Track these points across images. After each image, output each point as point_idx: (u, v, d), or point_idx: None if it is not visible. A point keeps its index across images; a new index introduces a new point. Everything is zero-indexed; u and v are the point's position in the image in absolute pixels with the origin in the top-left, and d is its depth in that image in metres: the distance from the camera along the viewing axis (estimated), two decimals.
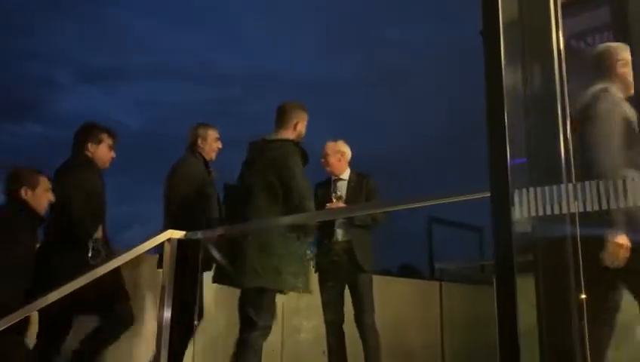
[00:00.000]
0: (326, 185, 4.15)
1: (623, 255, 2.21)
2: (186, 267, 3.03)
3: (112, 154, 3.50)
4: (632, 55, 1.69)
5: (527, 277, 1.55)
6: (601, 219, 2.08)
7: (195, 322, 4.09)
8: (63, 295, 2.51)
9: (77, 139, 3.47)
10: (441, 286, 5.56)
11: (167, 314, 2.83)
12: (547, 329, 1.55)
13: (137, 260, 3.59)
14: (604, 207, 1.42)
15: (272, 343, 4.56)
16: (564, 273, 1.52)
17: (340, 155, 4.11)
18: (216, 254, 3.43)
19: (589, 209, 1.44)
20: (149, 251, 3.13)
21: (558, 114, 1.57)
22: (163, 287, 2.80)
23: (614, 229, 2.18)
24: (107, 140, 3.47)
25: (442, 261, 6.55)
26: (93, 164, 3.40)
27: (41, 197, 3.14)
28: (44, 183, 3.19)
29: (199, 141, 3.83)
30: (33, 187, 3.13)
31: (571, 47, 3.56)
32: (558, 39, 1.69)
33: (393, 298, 4.89)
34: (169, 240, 2.85)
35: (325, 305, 3.98)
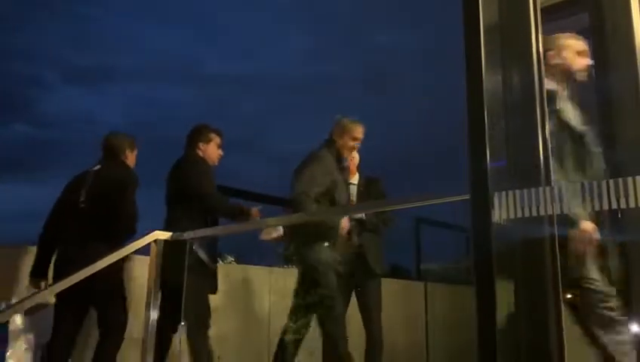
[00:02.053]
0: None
1: (589, 239, 2.18)
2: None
3: (220, 152, 3.80)
4: (607, 60, 1.71)
5: (506, 278, 1.56)
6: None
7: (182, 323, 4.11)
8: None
9: (189, 140, 3.75)
10: (426, 286, 5.59)
11: (154, 315, 2.82)
12: (525, 328, 1.56)
13: (125, 261, 3.58)
14: (588, 209, 1.43)
15: (258, 344, 4.56)
16: (543, 274, 1.53)
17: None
18: (202, 255, 3.43)
19: (566, 211, 1.46)
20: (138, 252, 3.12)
21: (537, 117, 1.58)
22: (149, 289, 2.79)
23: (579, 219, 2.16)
24: (216, 139, 3.75)
25: (427, 262, 6.59)
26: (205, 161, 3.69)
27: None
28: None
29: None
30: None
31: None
32: (537, 43, 1.70)
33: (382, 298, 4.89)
34: (156, 241, 2.83)
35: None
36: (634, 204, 1.33)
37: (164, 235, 2.84)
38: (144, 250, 2.93)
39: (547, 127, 1.58)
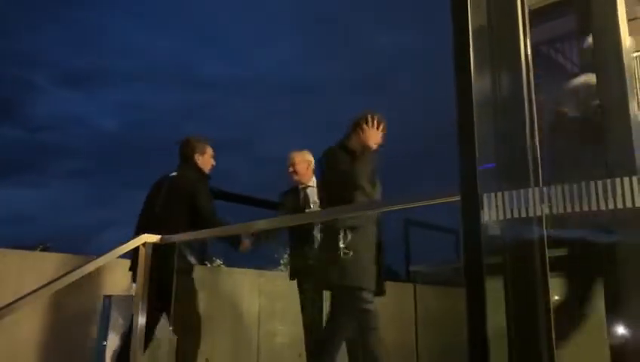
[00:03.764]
0: (293, 193, 4.20)
1: None
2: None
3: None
4: (594, 62, 1.73)
5: (496, 278, 1.57)
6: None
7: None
8: None
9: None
10: (415, 288, 5.61)
11: (142, 319, 2.80)
12: (515, 328, 1.57)
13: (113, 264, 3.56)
14: (570, 210, 1.44)
15: (247, 346, 4.55)
16: (532, 274, 1.54)
17: (307, 164, 4.20)
18: (191, 258, 3.43)
19: (555, 212, 1.47)
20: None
21: (526, 119, 1.59)
22: (137, 292, 2.77)
23: None
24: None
25: (417, 264, 6.61)
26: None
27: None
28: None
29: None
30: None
31: (540, 53, 3.62)
32: (526, 46, 1.71)
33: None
34: (144, 244, 2.82)
35: (305, 312, 3.95)
36: (622, 205, 1.35)
37: (152, 238, 2.83)
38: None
39: (535, 129, 1.60)
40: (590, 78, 2.35)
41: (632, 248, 1.64)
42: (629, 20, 2.62)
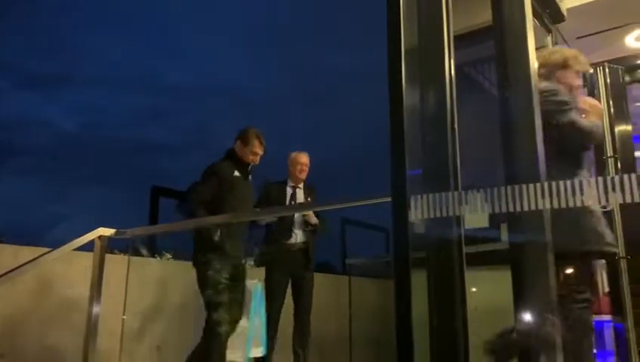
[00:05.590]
0: (280, 187, 4.19)
1: None
2: None
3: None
4: (507, 84, 1.83)
5: (420, 270, 1.64)
6: None
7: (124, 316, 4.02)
8: None
9: None
10: (350, 280, 5.69)
11: (97, 309, 2.73)
12: (436, 316, 1.64)
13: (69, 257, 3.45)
14: (482, 211, 1.52)
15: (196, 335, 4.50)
16: (451, 267, 1.62)
17: (307, 167, 4.24)
18: (144, 251, 3.37)
19: (472, 213, 1.55)
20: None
21: (448, 130, 1.67)
22: (93, 282, 2.71)
23: None
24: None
25: (352, 257, 6.74)
26: None
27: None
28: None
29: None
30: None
31: (464, 73, 3.77)
32: (450, 66, 1.80)
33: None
34: (100, 237, 2.76)
35: (274, 298, 3.95)
36: (527, 208, 1.44)
37: (107, 232, 2.77)
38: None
39: (456, 139, 1.68)
40: (546, 85, 2.48)
41: (534, 244, 1.75)
42: (538, 48, 2.78)
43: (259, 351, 3.78)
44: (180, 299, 4.51)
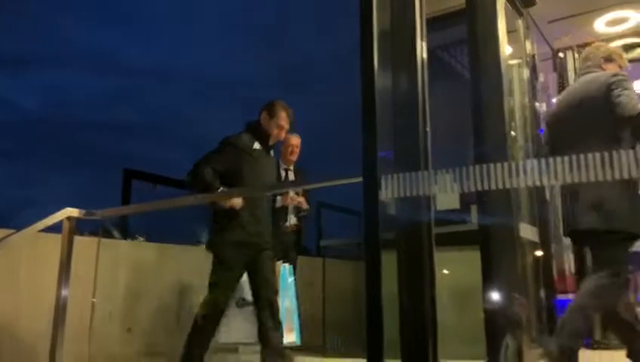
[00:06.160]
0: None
1: None
2: None
3: None
4: (478, 66, 1.87)
5: (390, 248, 1.67)
6: None
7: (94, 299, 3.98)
8: None
9: None
10: (324, 261, 5.75)
11: (65, 292, 2.71)
12: (406, 295, 1.69)
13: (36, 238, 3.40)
14: (452, 191, 1.56)
15: (168, 318, 4.51)
16: (420, 246, 1.66)
17: (297, 149, 4.25)
18: (115, 233, 3.34)
19: (442, 192, 1.59)
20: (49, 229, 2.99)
21: (419, 112, 1.71)
22: (61, 264, 2.68)
23: None
24: None
25: (326, 239, 6.81)
26: None
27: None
28: None
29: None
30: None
31: (437, 56, 3.81)
32: (422, 49, 1.83)
33: None
34: (68, 218, 2.72)
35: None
36: (495, 187, 1.48)
37: (75, 212, 2.73)
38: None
39: (427, 122, 1.71)
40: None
41: (501, 225, 1.80)
42: (509, 32, 2.83)
43: (292, 336, 3.53)
44: (152, 282, 4.50)
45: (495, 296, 2.74)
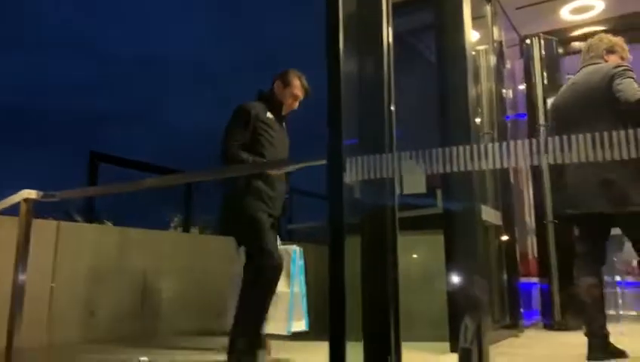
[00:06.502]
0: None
1: None
2: None
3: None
4: (444, 52, 1.88)
5: (354, 231, 1.68)
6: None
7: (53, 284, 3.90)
8: None
9: None
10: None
11: (23, 276, 2.64)
12: (368, 278, 1.70)
13: None
14: (422, 173, 1.57)
15: (132, 301, 4.46)
16: (384, 229, 1.67)
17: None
18: (77, 217, 3.26)
19: (406, 174, 1.60)
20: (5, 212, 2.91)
21: (384, 96, 1.71)
22: (18, 248, 2.60)
23: None
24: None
25: (293, 223, 6.83)
26: None
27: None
28: None
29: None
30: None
31: (404, 41, 3.82)
32: (388, 35, 1.82)
33: None
34: (26, 200, 2.64)
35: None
36: (457, 169, 1.50)
37: (33, 194, 2.66)
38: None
39: (392, 105, 1.72)
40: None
41: (464, 209, 1.83)
42: (477, 18, 2.86)
43: (301, 325, 3.34)
44: (116, 265, 4.44)
45: (457, 278, 2.81)
